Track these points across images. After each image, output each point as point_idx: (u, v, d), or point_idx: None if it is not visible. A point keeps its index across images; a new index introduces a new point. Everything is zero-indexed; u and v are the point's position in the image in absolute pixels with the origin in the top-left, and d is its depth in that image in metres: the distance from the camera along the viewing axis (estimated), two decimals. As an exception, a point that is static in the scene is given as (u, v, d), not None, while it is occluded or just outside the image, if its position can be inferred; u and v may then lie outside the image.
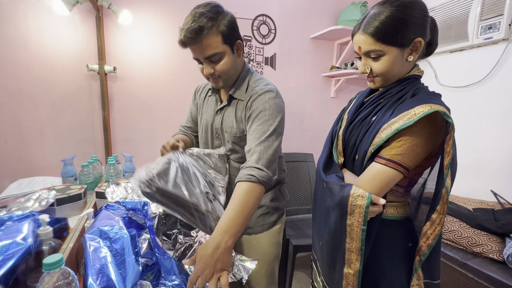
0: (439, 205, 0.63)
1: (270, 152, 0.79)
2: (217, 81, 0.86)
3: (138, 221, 0.77)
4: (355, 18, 1.85)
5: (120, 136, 1.57)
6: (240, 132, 0.90)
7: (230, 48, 0.82)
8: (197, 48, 0.79)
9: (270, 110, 0.83)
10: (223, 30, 0.78)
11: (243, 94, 0.88)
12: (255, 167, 0.76)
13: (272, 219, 1.00)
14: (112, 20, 1.47)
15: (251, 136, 0.82)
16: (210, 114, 0.97)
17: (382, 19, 0.63)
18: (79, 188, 0.95)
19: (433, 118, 0.61)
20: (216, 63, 0.81)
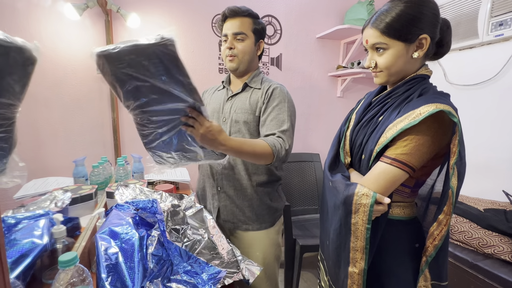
0: (446, 205, 0.63)
1: (290, 142, 0.89)
2: (233, 60, 0.97)
3: (147, 220, 0.79)
4: (361, 17, 1.84)
5: (128, 137, 1.61)
6: (253, 112, 0.97)
7: (255, 39, 0.98)
8: (232, 23, 0.95)
9: (288, 103, 0.95)
10: (256, 25, 0.97)
11: (258, 85, 1.00)
12: (283, 145, 0.86)
13: (270, 219, 1.03)
14: (120, 23, 1.50)
15: (271, 122, 0.91)
16: (217, 103, 1.05)
17: (392, 15, 0.65)
18: (90, 188, 0.98)
19: (440, 118, 0.61)
20: (239, 42, 0.95)
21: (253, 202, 1.01)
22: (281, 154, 0.85)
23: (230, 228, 1.04)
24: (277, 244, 1.07)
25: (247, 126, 0.97)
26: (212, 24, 1.74)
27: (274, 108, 0.93)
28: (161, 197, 0.90)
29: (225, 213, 1.02)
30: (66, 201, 0.78)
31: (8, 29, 1.13)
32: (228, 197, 1.01)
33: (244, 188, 1.00)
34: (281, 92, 0.96)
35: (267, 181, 1.02)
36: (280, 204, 1.08)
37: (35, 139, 1.29)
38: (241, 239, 1.03)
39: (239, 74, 1.02)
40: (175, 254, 0.69)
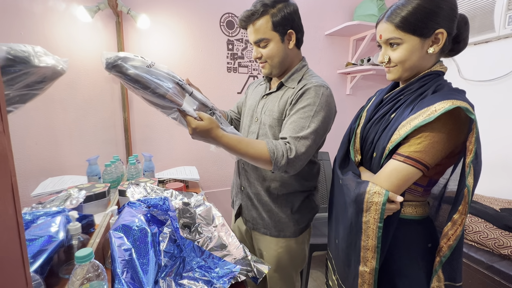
0: (461, 205, 0.61)
1: (301, 151, 0.77)
2: (264, 66, 0.90)
3: (158, 217, 0.80)
4: (371, 12, 1.80)
5: (139, 137, 1.64)
6: (279, 116, 0.87)
7: (280, 36, 0.84)
8: (249, 32, 0.87)
9: (318, 106, 0.80)
10: (276, 18, 0.82)
11: (294, 84, 0.88)
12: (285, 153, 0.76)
13: (290, 230, 0.94)
14: (131, 24, 1.52)
15: (290, 125, 0.80)
16: (255, 99, 0.99)
17: (408, 9, 0.63)
18: (103, 186, 1.00)
19: (455, 115, 0.59)
20: (263, 48, 0.86)
21: (273, 211, 0.93)
22: (280, 163, 0.75)
23: (250, 228, 1.01)
24: (298, 256, 0.98)
25: (273, 131, 0.88)
26: (220, 23, 1.74)
27: (299, 110, 0.81)
28: (171, 195, 0.91)
29: (246, 212, 0.99)
30: (80, 199, 0.80)
31: (25, 33, 1.17)
32: (249, 198, 0.97)
33: (263, 194, 0.93)
34: (315, 93, 0.81)
35: (293, 190, 0.92)
36: (305, 216, 0.95)
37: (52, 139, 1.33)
38: (259, 240, 0.99)
39: (277, 76, 0.94)
40: (188, 249, 0.70)
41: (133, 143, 1.61)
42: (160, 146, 1.70)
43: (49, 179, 1.22)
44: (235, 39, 1.78)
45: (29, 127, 1.25)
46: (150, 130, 1.66)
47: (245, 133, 0.99)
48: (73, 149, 1.40)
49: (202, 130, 0.73)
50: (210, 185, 1.88)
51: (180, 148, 1.75)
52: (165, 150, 1.71)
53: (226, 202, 1.90)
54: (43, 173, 1.36)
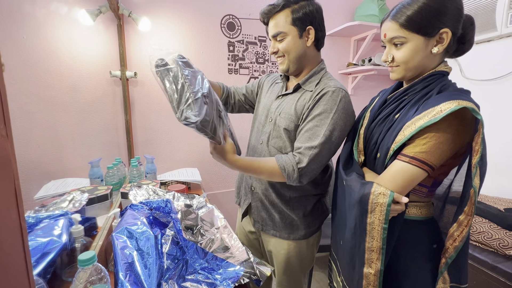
0: (467, 206, 0.61)
1: (316, 160, 0.79)
2: (282, 62, 0.89)
3: (161, 219, 0.80)
4: (372, 13, 1.80)
5: (141, 139, 1.64)
6: (296, 120, 0.85)
7: (298, 31, 0.84)
8: (270, 25, 0.86)
9: (335, 114, 0.79)
10: (296, 14, 0.82)
11: (312, 87, 0.86)
12: (295, 167, 0.79)
13: (301, 233, 0.93)
14: (132, 27, 1.53)
15: (305, 133, 0.81)
16: (270, 99, 0.97)
17: (414, 8, 0.63)
18: (106, 189, 1.00)
19: (461, 115, 0.59)
20: (280, 42, 0.85)
21: (284, 213, 0.92)
22: (293, 177, 0.78)
23: (259, 229, 0.99)
24: (307, 258, 0.98)
25: (288, 134, 0.87)
26: (221, 25, 1.75)
27: (315, 117, 0.80)
28: (173, 198, 0.91)
29: (256, 213, 0.97)
30: (83, 202, 0.80)
31: (28, 36, 1.17)
32: (260, 200, 0.96)
33: (275, 196, 0.92)
34: (332, 99, 0.80)
35: (305, 193, 0.92)
36: (316, 219, 0.95)
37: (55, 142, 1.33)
38: (268, 241, 0.98)
39: (294, 74, 0.91)
40: (191, 251, 0.70)
41: (135, 145, 1.61)
42: (162, 148, 1.70)
43: (52, 182, 1.22)
44: (236, 41, 1.78)
45: (32, 131, 1.25)
46: (151, 132, 1.66)
47: (259, 133, 0.97)
48: (75, 151, 1.40)
49: (220, 152, 0.77)
50: (212, 186, 1.88)
51: (182, 150, 1.75)
52: (167, 152, 1.71)
53: (228, 203, 1.89)
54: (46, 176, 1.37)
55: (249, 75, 1.85)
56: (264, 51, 1.87)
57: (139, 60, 1.58)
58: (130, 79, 1.55)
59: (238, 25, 1.77)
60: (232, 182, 1.91)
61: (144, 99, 1.63)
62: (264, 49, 1.86)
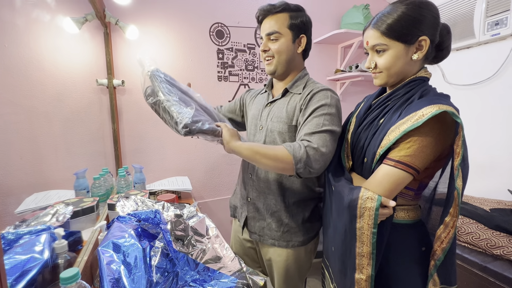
0: (452, 207, 0.62)
1: (320, 143, 0.74)
2: (270, 63, 0.89)
3: (150, 231, 0.78)
4: (357, 21, 1.86)
5: (129, 148, 1.61)
6: (289, 121, 0.87)
7: (293, 36, 0.87)
8: (266, 23, 0.88)
9: (330, 107, 0.81)
10: (294, 20, 0.86)
11: (300, 90, 0.89)
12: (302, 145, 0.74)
13: (299, 239, 0.92)
14: (119, 35, 1.52)
15: (305, 126, 0.80)
16: (257, 109, 0.98)
17: (393, 17, 0.66)
18: (92, 200, 0.97)
19: (442, 119, 0.61)
20: (274, 42, 0.87)
21: (283, 220, 0.91)
22: (299, 154, 0.72)
23: (256, 240, 0.97)
24: (305, 265, 0.97)
25: (282, 137, 0.88)
26: (210, 33, 1.75)
27: (312, 112, 0.81)
28: (163, 208, 0.89)
29: (252, 224, 0.96)
30: (67, 215, 0.77)
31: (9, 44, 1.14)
32: (257, 209, 0.94)
33: (274, 204, 0.91)
34: (323, 95, 0.83)
35: (303, 198, 0.92)
36: (315, 225, 0.95)
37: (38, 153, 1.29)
38: (265, 254, 0.97)
39: (279, 77, 0.93)
40: (181, 263, 0.68)
41: (123, 154, 1.58)
42: (151, 156, 1.67)
43: (34, 195, 1.17)
44: (225, 48, 1.79)
45: (13, 142, 1.20)
46: (140, 141, 1.63)
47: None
48: (60, 162, 1.36)
49: (224, 138, 0.79)
50: (203, 195, 1.85)
51: (171, 158, 1.73)
52: (156, 161, 1.68)
53: (219, 212, 1.87)
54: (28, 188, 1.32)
55: (239, 82, 1.86)
56: (254, 58, 1.88)
57: (127, 68, 1.57)
58: (117, 87, 1.53)
59: (227, 33, 1.79)
60: (223, 190, 1.89)
61: (132, 107, 1.60)
62: (253, 56, 1.88)
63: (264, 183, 0.93)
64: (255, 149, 0.76)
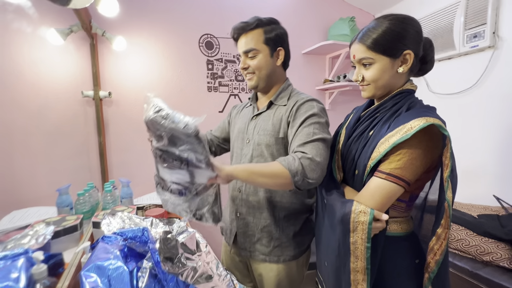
0: (443, 219, 0.62)
1: (314, 152, 0.73)
2: (251, 78, 0.90)
3: (137, 249, 0.74)
4: (344, 32, 1.91)
5: (116, 161, 1.56)
6: (275, 134, 0.86)
7: (270, 50, 0.88)
8: (241, 42, 0.88)
9: (318, 116, 0.81)
10: (269, 34, 0.87)
11: (284, 101, 0.90)
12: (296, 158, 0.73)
13: (290, 253, 0.91)
14: (106, 46, 1.49)
15: (296, 137, 0.80)
16: (243, 122, 0.97)
17: (378, 31, 0.67)
18: (75, 218, 0.92)
19: (430, 131, 0.62)
20: (252, 59, 0.87)
21: (273, 234, 0.89)
22: (294, 166, 0.70)
23: (246, 256, 0.95)
24: (297, 279, 0.95)
25: (270, 150, 0.87)
26: (199, 44, 1.75)
27: (301, 123, 0.80)
28: (151, 224, 0.85)
29: (242, 240, 0.94)
30: (48, 236, 0.73)
31: (-12, 57, 1.10)
32: (246, 224, 0.92)
33: (264, 218, 0.90)
34: (309, 106, 0.83)
35: (294, 211, 0.91)
36: (306, 238, 0.94)
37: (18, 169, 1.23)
38: (256, 269, 0.95)
39: (262, 91, 0.94)
40: (171, 284, 0.65)
41: (109, 168, 1.53)
42: (139, 169, 1.62)
43: (13, 213, 1.11)
44: (214, 59, 1.79)
45: (-10, 157, 1.14)
46: (127, 154, 1.59)
47: (238, 157, 0.96)
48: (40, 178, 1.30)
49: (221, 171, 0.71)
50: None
51: (160, 171, 1.69)
52: (144, 174, 1.63)
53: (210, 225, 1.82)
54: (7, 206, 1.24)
55: (229, 93, 1.85)
56: (243, 68, 1.89)
57: (114, 79, 1.54)
58: (104, 99, 1.49)
59: (217, 44, 1.79)
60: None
61: (119, 119, 1.56)
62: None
63: (253, 198, 0.91)
64: (250, 169, 0.74)
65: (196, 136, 0.66)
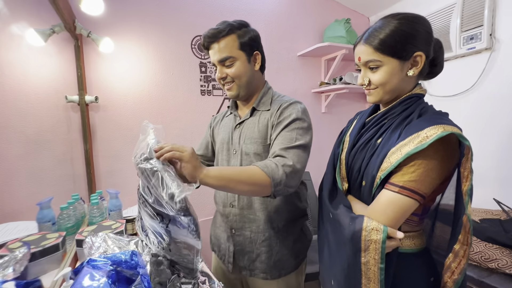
0: (461, 234, 0.58)
1: (295, 159, 0.73)
2: (231, 88, 0.85)
3: (126, 273, 0.67)
4: (340, 34, 1.87)
5: (104, 169, 1.47)
6: (263, 141, 0.83)
7: (247, 56, 0.83)
8: (213, 50, 0.82)
9: (301, 120, 0.80)
10: (242, 39, 0.82)
11: (267, 106, 0.87)
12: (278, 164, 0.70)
13: (291, 264, 0.88)
14: (92, 48, 1.41)
15: (277, 141, 0.78)
16: (226, 132, 0.93)
17: (386, 32, 0.62)
18: (57, 236, 0.84)
19: (446, 140, 0.57)
20: (229, 67, 0.82)
21: (273, 248, 0.86)
22: (277, 175, 0.68)
23: (246, 276, 0.90)
24: None
25: (259, 158, 0.83)
26: (191, 46, 1.68)
27: (284, 127, 0.79)
28: (136, 246, 0.78)
29: (241, 258, 0.89)
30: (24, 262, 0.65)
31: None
32: (244, 240, 0.88)
33: (262, 231, 0.86)
34: (294, 109, 0.81)
35: (291, 219, 0.89)
36: (305, 245, 0.93)
37: (-8, 180, 1.13)
38: (259, 286, 0.90)
39: (243, 99, 0.89)
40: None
41: (96, 177, 1.43)
42: (128, 178, 1.53)
43: (-11, 230, 1.01)
44: (208, 62, 1.73)
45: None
46: (116, 161, 1.50)
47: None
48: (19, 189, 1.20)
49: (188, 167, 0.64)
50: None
51: (152, 178, 1.60)
52: (134, 182, 1.54)
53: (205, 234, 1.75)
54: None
55: (223, 96, 1.79)
56: (237, 71, 1.83)
57: (101, 83, 1.45)
58: (90, 104, 1.40)
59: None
60: (207, 209, 1.78)
61: (106, 125, 1.48)
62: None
63: (248, 211, 0.86)
64: (227, 176, 0.67)
65: (182, 209, 0.61)
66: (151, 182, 0.60)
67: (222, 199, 0.91)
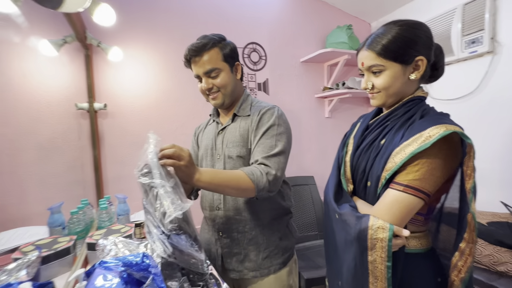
0: (466, 232, 0.58)
1: (277, 167, 0.80)
2: (216, 97, 0.89)
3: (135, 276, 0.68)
4: (342, 40, 1.90)
5: (112, 175, 1.49)
6: (244, 144, 0.89)
7: (229, 67, 0.89)
8: (198, 63, 0.86)
9: (279, 126, 0.86)
10: (224, 51, 0.88)
11: (247, 111, 0.92)
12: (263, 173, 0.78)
13: (279, 261, 0.92)
14: (101, 57, 1.45)
15: (258, 148, 0.84)
16: (210, 138, 0.97)
17: (388, 37, 0.64)
18: (68, 240, 0.86)
19: (449, 139, 0.58)
20: (214, 78, 0.87)
21: (260, 245, 0.90)
22: (261, 182, 0.76)
23: (236, 278, 0.92)
24: (289, 287, 0.96)
25: (242, 161, 0.88)
26: (196, 54, 1.73)
27: (263, 134, 0.85)
28: (146, 249, 0.79)
29: (229, 260, 0.91)
30: (37, 265, 0.67)
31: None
32: (231, 242, 0.91)
33: (248, 230, 0.90)
34: (271, 115, 0.87)
35: (275, 216, 0.93)
36: (291, 241, 0.97)
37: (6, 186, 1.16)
38: (250, 286, 0.92)
39: (226, 107, 0.95)
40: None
41: (104, 183, 1.46)
42: (135, 183, 1.51)
43: (1, 234, 1.03)
44: (212, 69, 1.77)
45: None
46: (123, 167, 1.53)
47: None
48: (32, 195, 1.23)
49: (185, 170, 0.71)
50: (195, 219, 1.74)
51: (158, 184, 1.62)
52: (141, 188, 1.57)
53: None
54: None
55: (228, 102, 1.82)
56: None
57: (109, 90, 1.49)
58: (99, 111, 1.44)
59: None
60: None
61: (114, 131, 1.51)
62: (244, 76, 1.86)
63: (235, 212, 0.90)
64: (216, 182, 0.74)
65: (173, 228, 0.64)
66: (148, 197, 0.65)
67: (209, 203, 0.94)
